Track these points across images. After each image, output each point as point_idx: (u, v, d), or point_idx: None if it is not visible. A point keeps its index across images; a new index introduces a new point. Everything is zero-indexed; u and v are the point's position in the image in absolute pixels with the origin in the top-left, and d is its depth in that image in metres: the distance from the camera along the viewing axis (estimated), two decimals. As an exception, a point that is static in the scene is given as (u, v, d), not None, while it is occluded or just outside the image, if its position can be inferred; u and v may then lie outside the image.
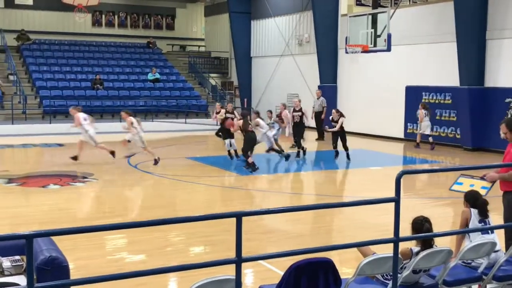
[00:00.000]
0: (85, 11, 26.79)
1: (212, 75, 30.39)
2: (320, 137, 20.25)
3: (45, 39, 28.82)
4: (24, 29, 28.36)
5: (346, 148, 15.42)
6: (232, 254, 3.88)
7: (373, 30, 17.27)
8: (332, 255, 4.60)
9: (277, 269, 6.05)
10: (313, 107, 20.77)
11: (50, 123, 22.15)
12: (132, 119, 14.25)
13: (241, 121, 14.13)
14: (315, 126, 20.75)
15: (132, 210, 9.71)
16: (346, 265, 5.90)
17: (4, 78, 24.83)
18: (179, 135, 21.95)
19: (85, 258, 6.79)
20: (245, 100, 28.30)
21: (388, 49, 16.99)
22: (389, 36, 16.75)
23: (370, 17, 17.57)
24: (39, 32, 28.89)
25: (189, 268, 3.87)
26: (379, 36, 17.11)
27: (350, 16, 18.79)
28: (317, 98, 20.80)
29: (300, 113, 16.10)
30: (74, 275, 4.47)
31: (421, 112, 17.82)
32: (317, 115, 20.62)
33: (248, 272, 6.37)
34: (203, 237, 7.83)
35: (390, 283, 4.49)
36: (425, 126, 17.85)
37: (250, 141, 13.79)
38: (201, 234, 7.86)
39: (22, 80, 24.86)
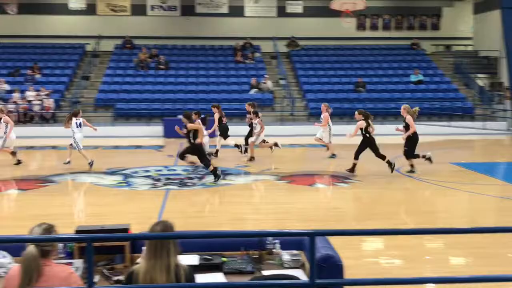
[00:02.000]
0: (351, 16, 27.49)
1: (479, 75, 28.66)
2: None
3: (312, 44, 30.34)
4: (294, 36, 30.24)
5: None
6: (501, 270, 3.65)
7: None
8: None
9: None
10: None
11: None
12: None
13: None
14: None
15: (396, 214, 9.72)
16: None
17: (275, 82, 26.87)
18: (443, 139, 21.23)
19: (345, 258, 6.98)
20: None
21: None
22: None
23: None
24: (307, 38, 30.50)
25: (472, 281, 3.72)
26: None
27: None
28: None
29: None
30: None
31: None
32: None
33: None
34: (466, 248, 7.45)
35: None
36: None
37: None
38: (463, 245, 7.49)
39: (290, 84, 26.64)
